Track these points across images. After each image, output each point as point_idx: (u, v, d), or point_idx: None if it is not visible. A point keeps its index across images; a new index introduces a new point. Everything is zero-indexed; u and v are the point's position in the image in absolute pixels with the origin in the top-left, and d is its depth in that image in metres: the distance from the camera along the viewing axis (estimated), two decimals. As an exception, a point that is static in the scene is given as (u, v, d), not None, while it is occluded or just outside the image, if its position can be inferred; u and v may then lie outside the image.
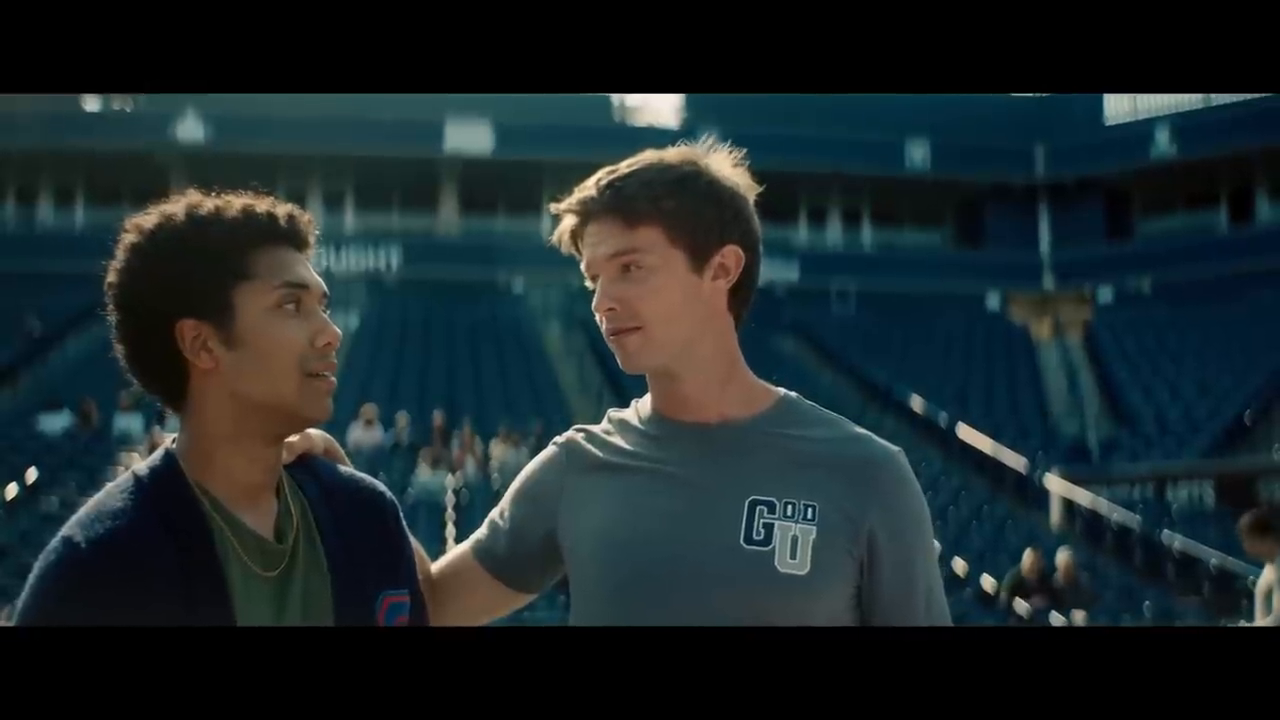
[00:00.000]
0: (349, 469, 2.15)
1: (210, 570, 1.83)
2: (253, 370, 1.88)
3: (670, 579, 2.06)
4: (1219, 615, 16.18)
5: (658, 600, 2.06)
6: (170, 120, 33.03)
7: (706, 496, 2.08)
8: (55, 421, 21.26)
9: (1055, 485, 21.37)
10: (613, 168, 2.15)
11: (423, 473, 18.54)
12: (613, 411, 2.27)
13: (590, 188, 2.13)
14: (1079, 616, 14.93)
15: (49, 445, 20.30)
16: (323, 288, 1.96)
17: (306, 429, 2.04)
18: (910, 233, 37.81)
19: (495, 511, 2.32)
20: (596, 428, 2.27)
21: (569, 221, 2.15)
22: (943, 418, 24.85)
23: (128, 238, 1.95)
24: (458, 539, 11.32)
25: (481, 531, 2.31)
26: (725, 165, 2.19)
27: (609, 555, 2.12)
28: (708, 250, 2.11)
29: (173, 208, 1.95)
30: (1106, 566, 18.98)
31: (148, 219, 1.95)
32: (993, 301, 35.56)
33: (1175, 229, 35.75)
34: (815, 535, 2.03)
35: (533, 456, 2.35)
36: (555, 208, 2.16)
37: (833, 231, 37.70)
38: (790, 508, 2.05)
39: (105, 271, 1.96)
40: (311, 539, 1.96)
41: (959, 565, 17.03)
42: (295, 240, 1.96)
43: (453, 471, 19.14)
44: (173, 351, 1.91)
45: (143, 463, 1.96)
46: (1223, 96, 32.15)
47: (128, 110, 33.89)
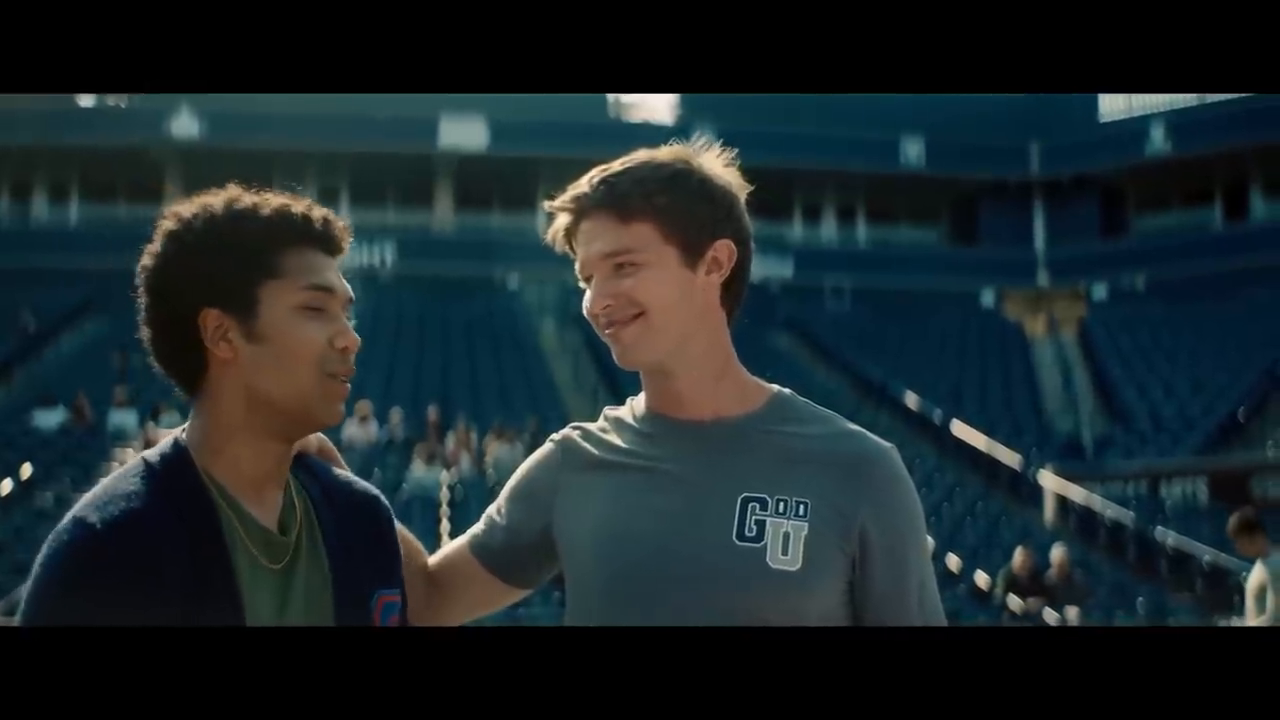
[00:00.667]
0: (344, 471, 2.18)
1: (219, 558, 1.85)
2: (271, 366, 1.91)
3: (663, 576, 2.07)
4: (1212, 612, 16.22)
5: (651, 598, 2.07)
6: (165, 116, 32.99)
7: (699, 494, 2.09)
8: (50, 417, 21.26)
9: (1049, 482, 21.40)
10: (605, 166, 2.16)
11: (417, 469, 18.55)
12: (608, 409, 2.28)
13: (583, 185, 2.14)
14: (1072, 613, 14.95)
15: (43, 441, 20.32)
16: (349, 293, 2.00)
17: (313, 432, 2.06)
18: (905, 229, 37.84)
19: (492, 507, 2.32)
20: (593, 425, 2.28)
21: (563, 220, 2.16)
22: (937, 414, 24.87)
23: (165, 224, 1.96)
24: (452, 535, 11.32)
25: (478, 527, 2.32)
26: (717, 163, 2.21)
27: (603, 553, 2.13)
28: (700, 245, 2.12)
29: (213, 200, 1.97)
30: (1100, 563, 19.02)
31: (186, 208, 1.97)
32: (987, 298, 35.59)
33: (1170, 226, 35.80)
34: (807, 531, 2.04)
35: (528, 453, 2.37)
36: (549, 206, 2.17)
37: (827, 228, 37.72)
38: (782, 504, 2.06)
39: (141, 256, 1.97)
40: (314, 536, 1.99)
41: (953, 562, 17.05)
42: (327, 244, 1.99)
43: (447, 468, 19.14)
44: (195, 339, 1.93)
45: (153, 449, 1.98)
46: (1217, 94, 32.16)
47: (122, 106, 33.85)
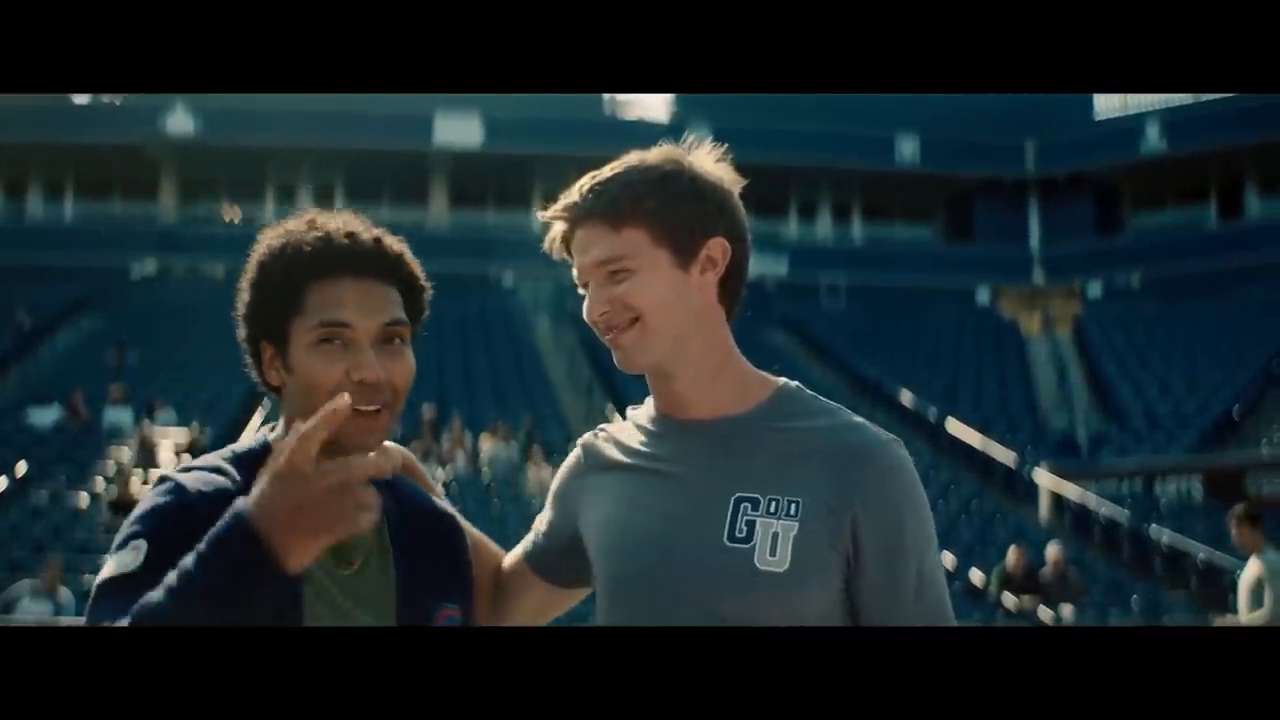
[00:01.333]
0: (425, 486, 2.26)
1: None
2: (300, 397, 1.98)
3: (660, 578, 2.09)
4: (1206, 609, 16.23)
5: (650, 598, 2.09)
6: (160, 113, 32.93)
7: (697, 494, 2.10)
8: (45, 415, 21.23)
9: (1044, 480, 21.41)
10: (595, 173, 2.17)
11: (412, 466, 18.51)
12: (631, 409, 2.31)
13: (574, 194, 2.15)
14: (1067, 610, 14.97)
15: (38, 439, 20.28)
16: (378, 321, 1.98)
17: (384, 447, 2.10)
18: (900, 227, 37.84)
19: (540, 515, 2.39)
20: (613, 427, 2.32)
21: (558, 228, 2.17)
22: (932, 412, 24.88)
23: (252, 254, 2.05)
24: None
25: (529, 535, 2.38)
26: (708, 160, 2.21)
27: (611, 553, 2.17)
28: (692, 245, 2.13)
29: (278, 231, 2.04)
30: (1095, 560, 19.04)
31: (263, 239, 2.04)
32: (983, 296, 35.59)
33: (1165, 224, 35.82)
34: (796, 531, 2.04)
35: (523, 451, 2.40)
36: (543, 216, 2.18)
37: (823, 226, 37.71)
38: (774, 504, 2.06)
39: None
40: (384, 547, 2.06)
41: (948, 559, 17.05)
42: (356, 267, 1.99)
43: (442, 465, 19.12)
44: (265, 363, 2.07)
45: (243, 443, 2.08)
46: (1212, 93, 32.16)
47: (118, 103, 33.79)
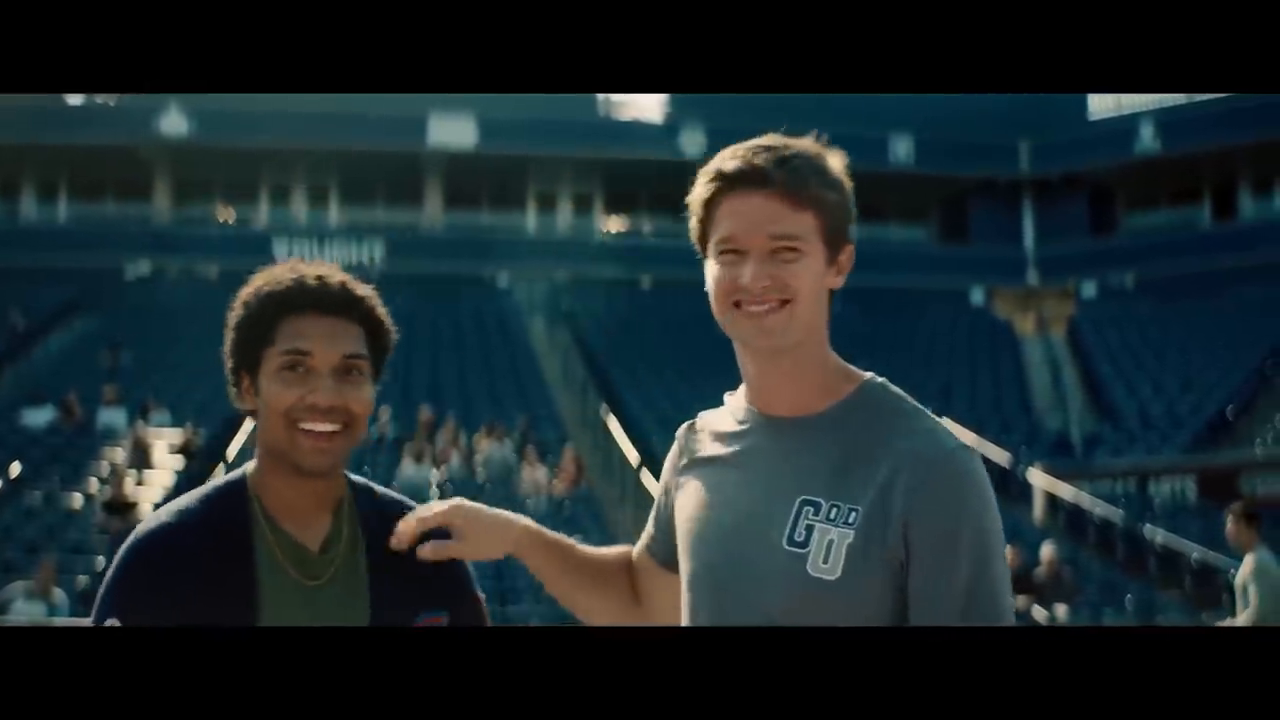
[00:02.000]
0: (408, 500, 2.38)
1: (241, 566, 2.14)
2: (264, 418, 2.20)
3: (725, 576, 2.11)
4: (1200, 609, 16.25)
5: (712, 596, 2.12)
6: (154, 114, 32.87)
7: (766, 493, 2.11)
8: (38, 416, 21.20)
9: (1038, 479, 21.42)
10: (765, 144, 2.13)
11: (407, 467, 18.51)
12: (728, 395, 2.31)
13: (754, 159, 2.11)
14: (1061, 610, 14.97)
15: (32, 439, 20.25)
16: (338, 352, 2.19)
17: (449, 506, 2.29)
18: (894, 227, 37.81)
19: (654, 506, 2.43)
20: (709, 414, 2.33)
21: (714, 186, 2.13)
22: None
23: (239, 295, 2.26)
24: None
25: (647, 527, 2.42)
26: (842, 166, 2.20)
27: (687, 548, 2.20)
28: (838, 246, 2.15)
29: (262, 275, 2.26)
30: (1089, 560, 19.05)
31: (248, 282, 2.27)
32: (977, 296, 35.60)
33: (1159, 225, 35.83)
34: (851, 540, 2.03)
35: (516, 451, 2.42)
36: (715, 171, 2.13)
37: (817, 226, 37.67)
38: (834, 510, 2.05)
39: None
40: (355, 559, 2.23)
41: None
42: (323, 305, 2.21)
43: (437, 466, 19.12)
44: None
45: (227, 475, 2.33)
46: (1206, 93, 32.20)
47: (111, 104, 33.73)
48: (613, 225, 36.57)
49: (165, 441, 19.90)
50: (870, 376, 2.20)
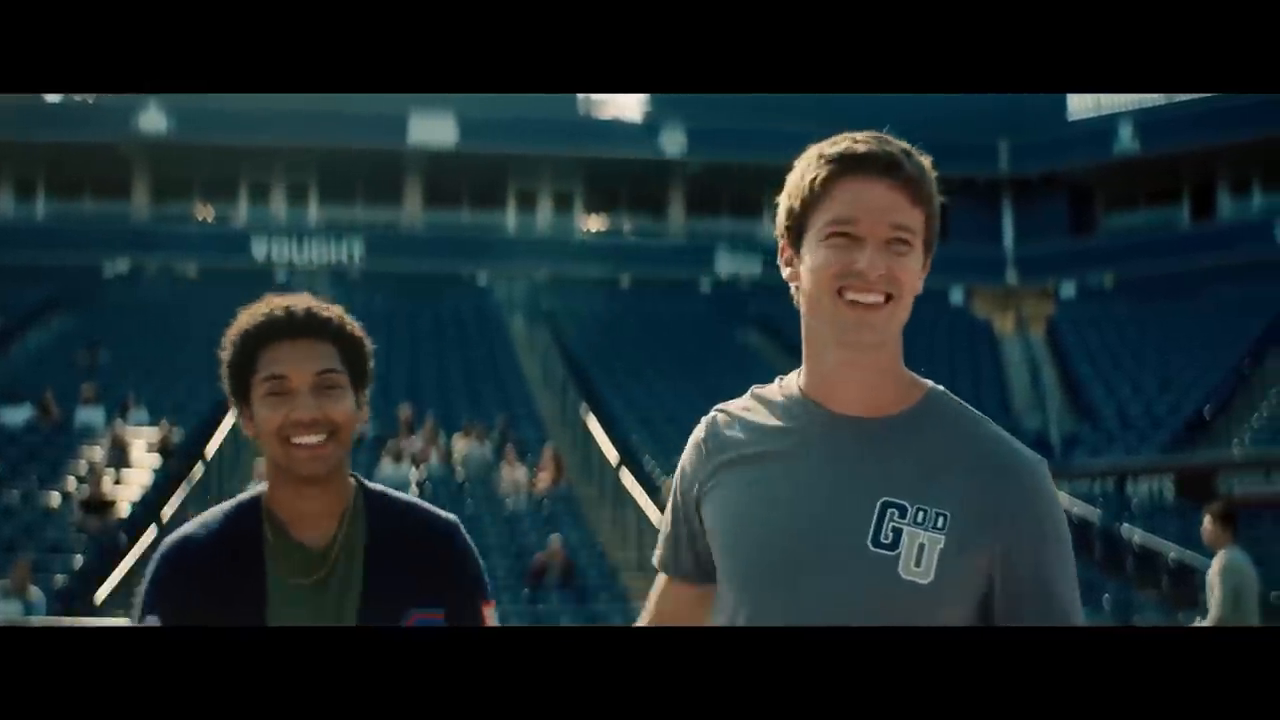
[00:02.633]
0: (421, 503, 2.56)
1: (251, 571, 2.37)
2: (263, 441, 2.42)
3: (796, 573, 2.06)
4: (1177, 608, 16.31)
5: (787, 594, 2.06)
6: (133, 111, 32.74)
7: (840, 492, 2.08)
8: (16, 414, 21.11)
9: (1017, 479, 21.43)
10: (881, 137, 2.14)
11: (385, 466, 18.46)
12: (756, 388, 2.26)
13: (890, 147, 2.12)
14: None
15: (10, 438, 20.17)
16: (312, 370, 2.40)
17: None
18: (874, 227, 37.88)
19: (663, 523, 2.34)
20: (735, 406, 2.25)
21: (838, 167, 2.11)
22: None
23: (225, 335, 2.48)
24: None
25: (662, 551, 2.34)
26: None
27: (739, 545, 2.13)
28: (930, 249, 2.16)
29: (245, 313, 2.47)
30: (1067, 560, 19.09)
31: (234, 321, 2.47)
32: (956, 296, 35.66)
33: (1138, 225, 35.95)
34: (943, 545, 2.03)
35: (496, 450, 2.40)
36: (839, 152, 2.11)
37: (797, 226, 37.70)
38: (921, 514, 2.04)
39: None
40: (353, 558, 2.42)
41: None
42: (293, 331, 2.42)
43: (416, 465, 19.08)
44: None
45: (240, 496, 2.55)
46: (1185, 94, 32.32)
47: (90, 102, 33.58)
48: (593, 224, 36.57)
49: (143, 440, 19.85)
50: (933, 385, 2.21)
